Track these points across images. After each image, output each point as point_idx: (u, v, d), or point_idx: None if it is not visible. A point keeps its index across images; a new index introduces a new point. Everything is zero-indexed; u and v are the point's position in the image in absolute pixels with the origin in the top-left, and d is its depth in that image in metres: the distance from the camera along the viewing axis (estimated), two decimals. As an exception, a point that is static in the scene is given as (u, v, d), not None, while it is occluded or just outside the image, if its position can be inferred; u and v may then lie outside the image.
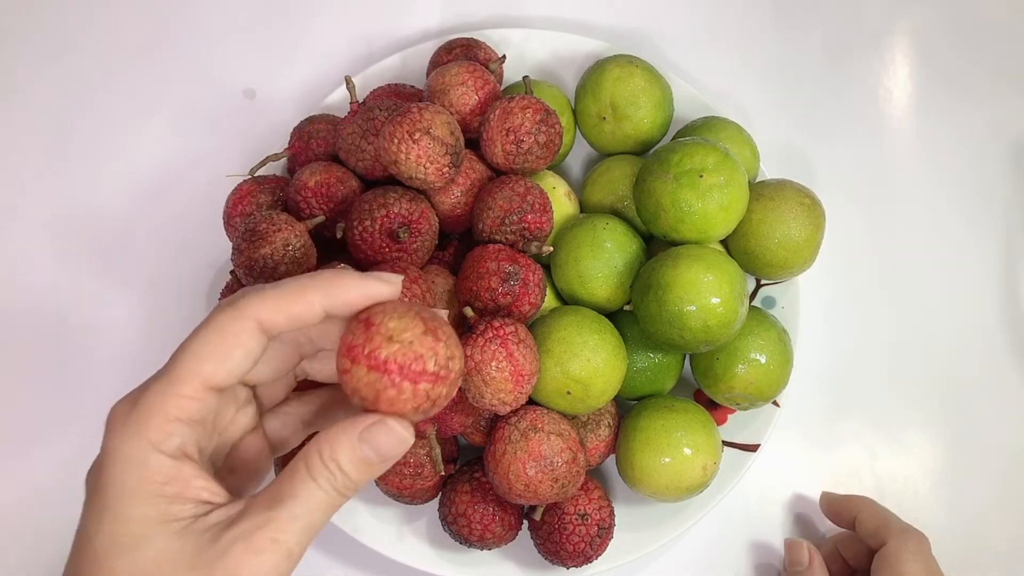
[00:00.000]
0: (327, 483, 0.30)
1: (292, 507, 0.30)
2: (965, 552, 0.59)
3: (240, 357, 0.30)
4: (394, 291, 0.32)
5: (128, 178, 0.64)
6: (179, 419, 0.29)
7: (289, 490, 0.30)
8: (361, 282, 0.31)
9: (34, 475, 0.59)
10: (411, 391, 0.30)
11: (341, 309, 0.31)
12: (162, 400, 0.29)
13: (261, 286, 0.32)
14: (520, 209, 0.49)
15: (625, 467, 0.52)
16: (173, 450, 0.29)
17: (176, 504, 0.29)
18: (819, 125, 0.68)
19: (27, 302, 0.62)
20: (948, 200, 0.66)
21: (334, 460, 0.30)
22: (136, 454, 0.29)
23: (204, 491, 0.30)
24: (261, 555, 0.29)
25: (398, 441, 0.31)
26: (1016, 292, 0.65)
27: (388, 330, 0.30)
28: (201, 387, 0.30)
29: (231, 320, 0.30)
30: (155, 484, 0.29)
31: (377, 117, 0.51)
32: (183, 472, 0.30)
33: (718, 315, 0.47)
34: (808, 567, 0.55)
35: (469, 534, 0.50)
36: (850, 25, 0.70)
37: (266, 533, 0.29)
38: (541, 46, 0.62)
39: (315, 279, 0.31)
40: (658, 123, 0.57)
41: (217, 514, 0.30)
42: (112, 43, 0.67)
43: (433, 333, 0.31)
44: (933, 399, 0.63)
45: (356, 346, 0.30)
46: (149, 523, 0.29)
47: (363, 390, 0.30)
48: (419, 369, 0.30)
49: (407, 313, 0.31)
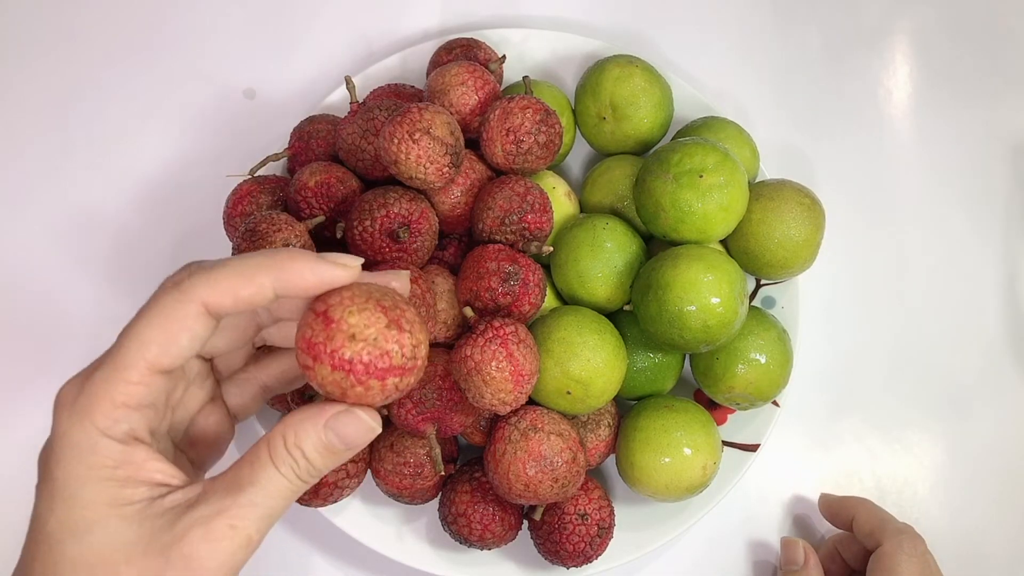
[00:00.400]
0: (289, 470, 0.30)
1: (252, 494, 0.29)
2: (965, 552, 0.59)
3: (187, 341, 0.29)
4: (351, 275, 0.31)
5: (128, 178, 0.64)
6: (126, 405, 0.29)
7: (249, 476, 0.29)
8: (316, 267, 0.30)
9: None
10: (379, 387, 0.29)
11: (293, 293, 0.30)
12: (107, 387, 0.29)
13: (209, 263, 0.30)
14: (520, 209, 0.49)
15: (625, 467, 0.52)
16: (122, 435, 0.29)
17: (128, 487, 0.29)
18: (819, 125, 0.68)
19: (27, 302, 0.62)
20: (948, 200, 0.66)
21: (298, 447, 0.30)
22: (84, 440, 0.28)
23: (158, 473, 0.29)
24: (219, 542, 0.28)
25: (365, 430, 0.30)
26: (1016, 292, 0.65)
27: (349, 327, 0.29)
28: (147, 372, 0.29)
29: (176, 303, 0.29)
30: (105, 469, 0.28)
31: (377, 117, 0.51)
32: (134, 456, 0.29)
33: (718, 315, 0.47)
34: (804, 566, 0.55)
35: (469, 534, 0.50)
36: (850, 25, 0.70)
37: (224, 520, 0.28)
38: (541, 46, 0.62)
39: (267, 259, 0.30)
40: (658, 123, 0.57)
41: (173, 497, 0.29)
42: (112, 43, 0.67)
43: (396, 324, 0.30)
44: (933, 399, 0.63)
45: (317, 344, 0.29)
46: (101, 507, 0.28)
47: (328, 387, 0.29)
48: (385, 365, 0.29)
49: (367, 304, 0.30)
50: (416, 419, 0.46)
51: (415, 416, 0.46)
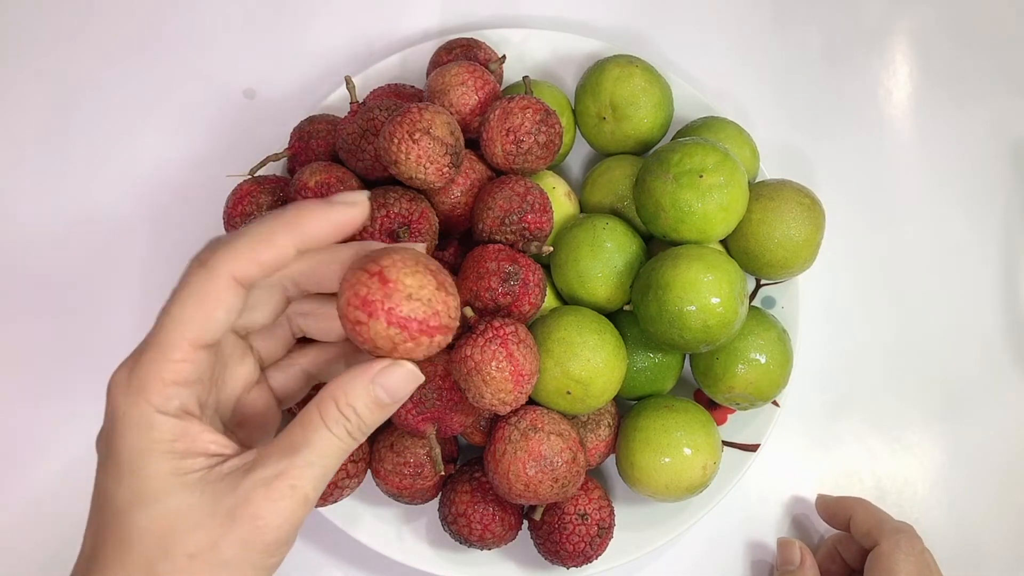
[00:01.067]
0: (341, 429, 0.31)
1: (307, 454, 0.31)
2: (965, 552, 0.59)
3: (222, 314, 0.31)
4: (362, 211, 0.32)
5: (128, 178, 0.64)
6: (175, 382, 0.30)
7: (303, 439, 0.31)
8: (328, 214, 0.32)
9: (30, 476, 0.59)
10: (427, 343, 0.32)
11: (314, 245, 0.32)
12: (156, 367, 0.30)
13: (228, 236, 0.32)
14: (520, 209, 0.49)
15: (625, 467, 0.52)
16: (175, 411, 0.30)
17: (188, 459, 0.30)
18: (819, 125, 0.68)
19: (26, 302, 0.62)
20: (948, 200, 0.66)
21: (350, 406, 0.31)
22: (143, 417, 0.30)
23: (212, 444, 0.31)
24: (281, 501, 0.30)
25: (411, 379, 0.32)
26: (1016, 292, 0.65)
27: (407, 287, 0.31)
28: (190, 349, 0.31)
29: (205, 280, 0.31)
30: (165, 443, 0.30)
31: (377, 117, 0.51)
32: (189, 429, 0.31)
33: (718, 315, 0.47)
34: (799, 566, 0.55)
35: (469, 534, 0.50)
36: (849, 25, 0.70)
37: (285, 480, 0.30)
38: (541, 46, 0.62)
39: (281, 219, 0.31)
40: (658, 123, 0.57)
41: (231, 463, 0.31)
42: (112, 43, 0.67)
43: (443, 287, 0.32)
44: (933, 399, 0.63)
45: (374, 300, 0.31)
46: (165, 477, 0.30)
47: (380, 342, 0.31)
48: (436, 324, 0.32)
49: (418, 268, 0.32)
50: (416, 419, 0.46)
51: (415, 416, 0.46)
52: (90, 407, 0.32)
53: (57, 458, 0.59)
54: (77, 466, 0.58)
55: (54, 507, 0.58)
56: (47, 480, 0.59)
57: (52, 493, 0.59)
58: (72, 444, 0.59)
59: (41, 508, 0.58)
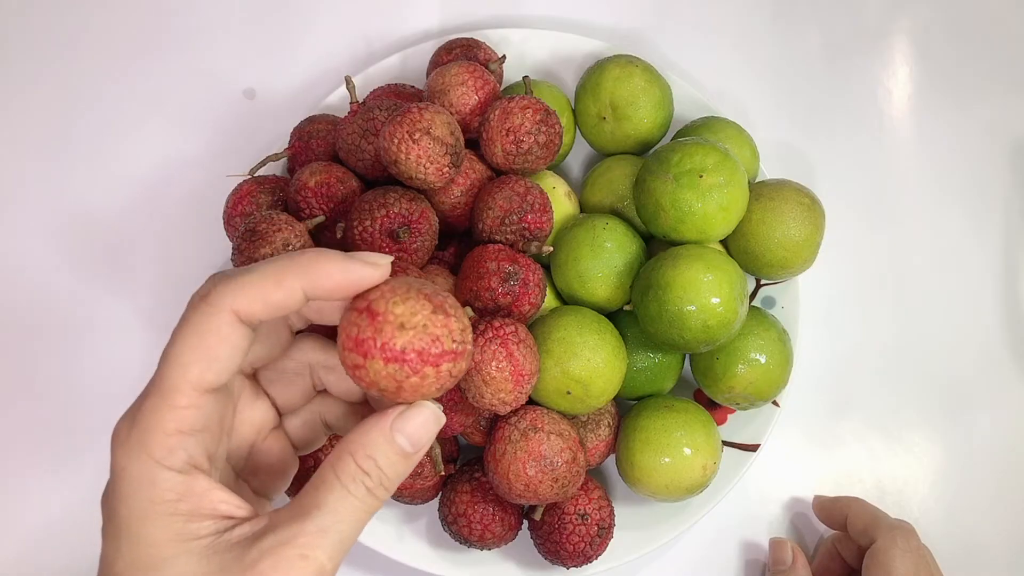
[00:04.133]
0: (359, 488, 0.28)
1: (319, 518, 0.28)
2: (965, 552, 0.59)
3: (226, 354, 0.28)
4: (381, 275, 0.30)
5: (128, 178, 0.64)
6: (180, 431, 0.28)
7: (315, 501, 0.28)
8: (345, 266, 0.29)
9: (29, 476, 0.59)
10: (434, 375, 0.29)
11: (323, 295, 0.29)
12: (157, 416, 0.28)
13: (233, 271, 0.29)
14: (520, 209, 0.49)
15: (625, 467, 0.52)
16: (181, 464, 0.28)
17: (193, 522, 0.28)
18: (819, 125, 0.68)
19: (26, 302, 0.62)
20: (948, 200, 0.66)
21: (371, 458, 0.28)
22: (143, 473, 0.27)
23: (222, 504, 0.28)
24: (290, 572, 0.27)
25: (433, 421, 0.29)
26: (1016, 292, 0.65)
27: (396, 317, 0.28)
28: (194, 393, 0.28)
29: (206, 317, 0.28)
30: (167, 503, 0.27)
31: (377, 117, 0.51)
32: (196, 486, 0.28)
33: (718, 315, 0.47)
34: (791, 566, 0.55)
35: (469, 534, 0.50)
36: (850, 25, 0.70)
37: (293, 549, 0.27)
38: (541, 46, 0.62)
39: (293, 262, 0.29)
40: (658, 123, 0.57)
41: (241, 530, 0.28)
42: (112, 43, 0.67)
43: (442, 310, 0.29)
44: (933, 399, 0.63)
45: (366, 340, 0.28)
46: (168, 544, 0.27)
47: (382, 382, 0.28)
48: (439, 352, 0.28)
49: (409, 295, 0.29)
50: (416, 419, 0.46)
51: (415, 416, 0.46)
52: (87, 406, 0.30)
53: (51, 459, 0.59)
54: (65, 470, 0.58)
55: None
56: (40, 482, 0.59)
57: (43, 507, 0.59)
58: (62, 448, 0.59)
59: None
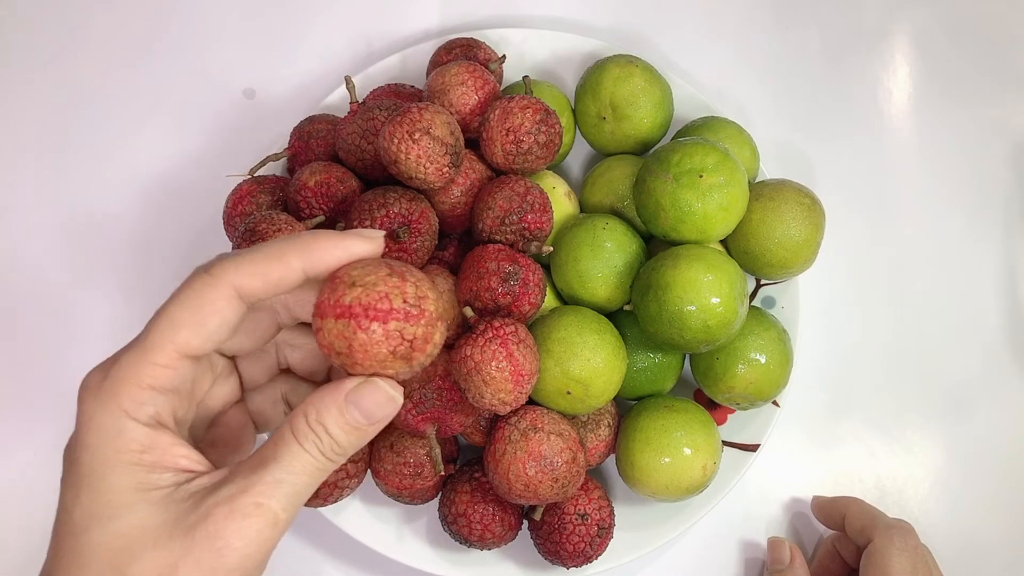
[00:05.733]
0: (312, 446, 0.29)
1: (275, 470, 0.29)
2: (965, 552, 0.59)
3: (216, 325, 0.29)
4: (375, 247, 0.31)
5: (128, 178, 0.64)
6: (152, 387, 0.28)
7: (273, 454, 0.29)
8: (340, 241, 0.30)
9: (30, 478, 0.59)
10: (382, 331, 0.29)
11: (322, 269, 0.30)
12: (135, 368, 0.28)
13: (237, 251, 0.30)
14: (520, 209, 0.49)
15: (625, 467, 0.52)
16: (147, 419, 0.28)
17: (155, 472, 0.28)
18: (819, 125, 0.68)
19: (26, 302, 0.62)
20: (948, 200, 0.66)
21: (320, 423, 0.29)
22: (110, 423, 0.28)
23: (183, 459, 0.29)
24: (245, 519, 0.27)
25: (386, 400, 0.30)
26: (1016, 292, 0.65)
27: (351, 277, 0.29)
28: (176, 355, 0.29)
29: (207, 286, 0.29)
30: (132, 453, 0.28)
31: (377, 117, 0.51)
32: (160, 440, 0.28)
33: (718, 315, 0.47)
34: (789, 565, 0.55)
35: (469, 534, 0.50)
36: (850, 25, 0.70)
37: (249, 497, 0.28)
38: (541, 46, 0.62)
39: (292, 241, 0.30)
40: (658, 123, 0.57)
41: (200, 481, 0.29)
42: (112, 43, 0.67)
43: (399, 275, 0.30)
44: (933, 399, 0.63)
45: (322, 301, 0.29)
46: (127, 492, 0.28)
47: (336, 342, 0.29)
48: (386, 308, 0.29)
49: (372, 263, 0.30)
50: (416, 419, 0.46)
51: (415, 416, 0.46)
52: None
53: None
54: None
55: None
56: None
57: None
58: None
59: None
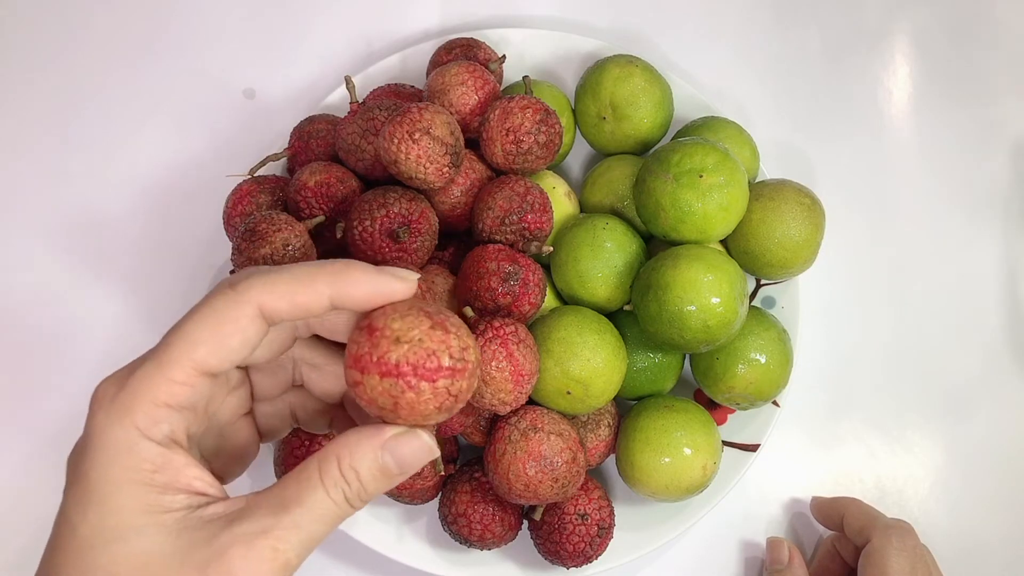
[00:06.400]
0: (339, 493, 0.29)
1: (297, 515, 0.28)
2: (965, 552, 0.59)
3: (238, 344, 0.28)
4: (408, 289, 0.30)
5: (128, 178, 0.64)
6: (168, 405, 0.27)
7: (296, 496, 0.28)
8: (374, 278, 0.29)
9: (31, 481, 0.59)
10: (430, 390, 0.28)
11: (349, 303, 0.29)
12: (151, 384, 0.27)
13: (267, 268, 0.29)
14: (520, 209, 0.49)
15: (625, 467, 0.52)
16: (162, 437, 0.27)
17: (167, 494, 0.27)
18: (819, 125, 0.68)
19: (26, 302, 0.62)
20: (948, 200, 0.66)
21: (353, 469, 0.28)
22: (122, 439, 0.27)
23: (197, 481, 0.28)
24: (260, 564, 0.27)
25: (425, 451, 0.29)
26: (1016, 292, 0.65)
27: (393, 332, 0.28)
28: (194, 372, 0.28)
29: (231, 304, 0.28)
30: (144, 472, 0.27)
31: (377, 117, 0.51)
32: (173, 461, 0.28)
33: (718, 315, 0.47)
34: (788, 565, 0.55)
35: (469, 534, 0.50)
36: (850, 25, 0.70)
37: (267, 541, 0.27)
38: (541, 46, 0.62)
39: (324, 268, 0.29)
40: (658, 123, 0.57)
41: (215, 509, 0.28)
42: (112, 43, 0.67)
43: (442, 326, 0.29)
44: (933, 399, 0.63)
45: (363, 355, 0.28)
46: (137, 514, 0.27)
47: (379, 399, 0.28)
48: (434, 366, 0.28)
49: (410, 311, 0.29)
50: (416, 419, 0.46)
51: (415, 416, 0.46)
52: (86, 407, 0.29)
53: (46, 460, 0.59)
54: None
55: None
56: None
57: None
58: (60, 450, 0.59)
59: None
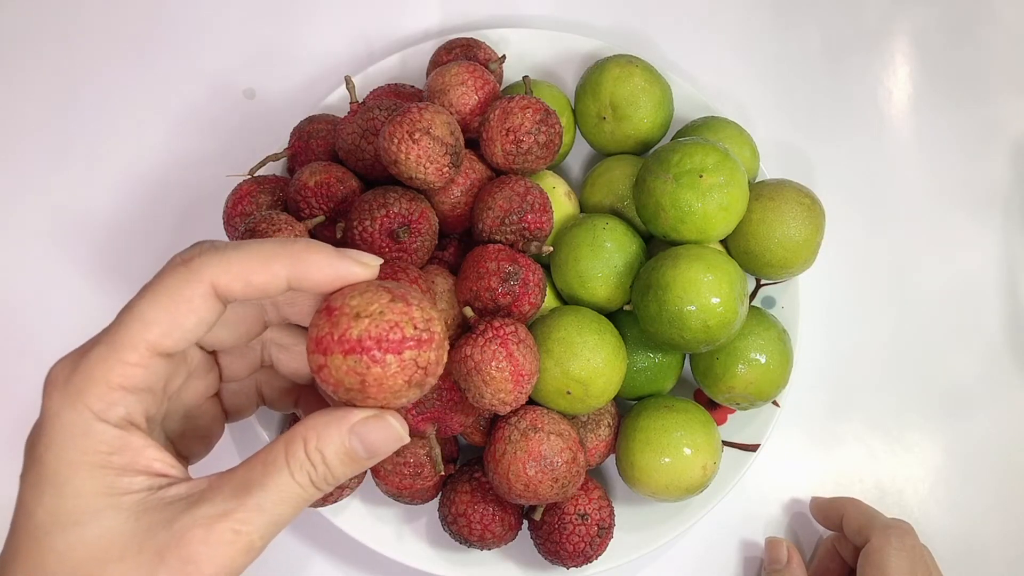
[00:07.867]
0: (305, 476, 0.28)
1: (260, 498, 0.27)
2: (965, 552, 0.59)
3: (192, 324, 0.27)
4: (369, 274, 0.29)
5: (127, 178, 0.64)
6: (123, 387, 0.27)
7: (260, 478, 0.27)
8: (335, 261, 0.28)
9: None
10: (397, 363, 0.27)
11: (308, 286, 0.28)
12: (105, 366, 0.27)
13: (223, 243, 0.28)
14: (520, 209, 0.49)
15: (625, 467, 0.52)
16: (118, 419, 0.27)
17: (126, 476, 0.27)
18: (819, 125, 0.68)
19: (25, 302, 0.62)
20: (948, 200, 0.66)
21: (319, 452, 0.28)
22: (77, 422, 0.26)
23: (157, 462, 0.27)
24: (220, 546, 0.26)
25: (393, 437, 0.29)
26: (1016, 292, 0.65)
27: (352, 308, 0.27)
28: (147, 354, 0.27)
29: (184, 282, 0.27)
30: (100, 455, 0.26)
31: (377, 117, 0.51)
32: (131, 442, 0.27)
33: (718, 315, 0.47)
34: (787, 565, 0.55)
35: (469, 534, 0.50)
36: (850, 25, 0.70)
37: (228, 523, 0.26)
38: (541, 46, 0.62)
39: (284, 247, 0.28)
40: (658, 123, 0.57)
41: (176, 490, 0.27)
42: (112, 43, 0.67)
43: (403, 299, 0.28)
44: (933, 399, 0.63)
45: (324, 336, 0.27)
46: (94, 497, 0.26)
47: (346, 379, 0.27)
48: (398, 337, 0.27)
49: (368, 288, 0.28)
50: (416, 419, 0.46)
51: (415, 416, 0.46)
52: None
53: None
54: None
55: None
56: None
57: None
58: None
59: None
